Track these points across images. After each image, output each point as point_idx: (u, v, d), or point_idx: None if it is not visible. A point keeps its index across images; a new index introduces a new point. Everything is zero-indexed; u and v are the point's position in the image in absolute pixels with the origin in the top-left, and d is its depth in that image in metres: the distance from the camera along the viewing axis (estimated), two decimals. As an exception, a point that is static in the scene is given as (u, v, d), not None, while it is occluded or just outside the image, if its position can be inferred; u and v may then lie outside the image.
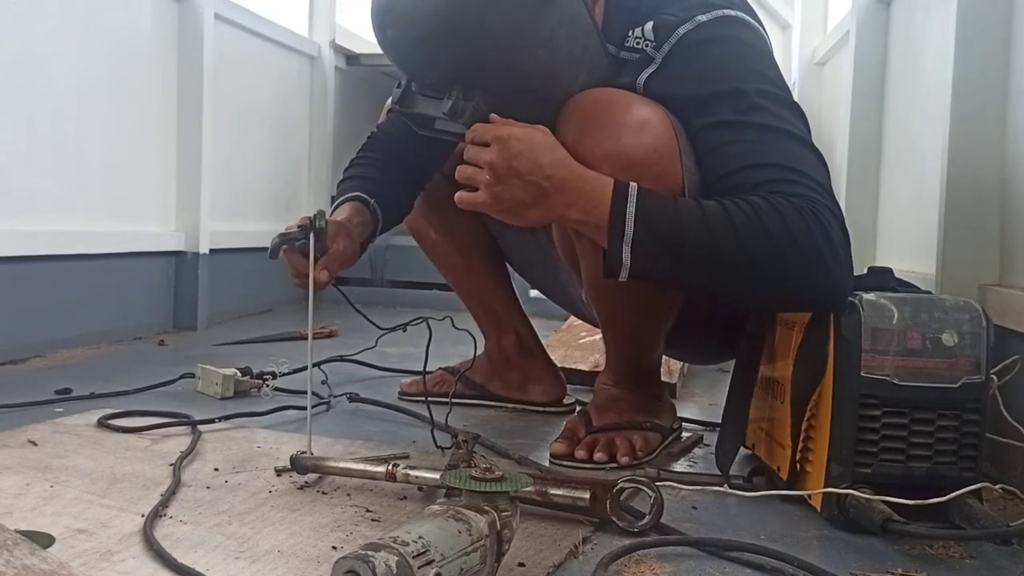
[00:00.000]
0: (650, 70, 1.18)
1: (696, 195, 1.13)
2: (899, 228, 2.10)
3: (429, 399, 1.40)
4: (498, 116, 1.10)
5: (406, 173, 1.48)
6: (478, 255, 1.64)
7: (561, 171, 1.07)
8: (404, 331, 1.36)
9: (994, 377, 1.07)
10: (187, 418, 1.40)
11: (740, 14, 1.19)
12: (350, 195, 1.40)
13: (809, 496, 1.09)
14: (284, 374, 1.70)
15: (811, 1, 3.36)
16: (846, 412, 1.04)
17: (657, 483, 1.02)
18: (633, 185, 1.07)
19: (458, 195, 1.11)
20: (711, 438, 1.39)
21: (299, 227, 1.25)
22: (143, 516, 0.96)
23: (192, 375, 1.72)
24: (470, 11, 1.07)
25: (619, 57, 1.21)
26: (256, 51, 2.98)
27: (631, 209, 1.05)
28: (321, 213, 1.26)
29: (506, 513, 0.81)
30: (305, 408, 1.52)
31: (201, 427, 1.36)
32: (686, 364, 1.88)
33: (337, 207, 1.41)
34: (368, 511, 1.02)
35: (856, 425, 1.03)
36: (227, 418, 1.44)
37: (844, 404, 1.04)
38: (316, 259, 1.24)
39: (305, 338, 1.25)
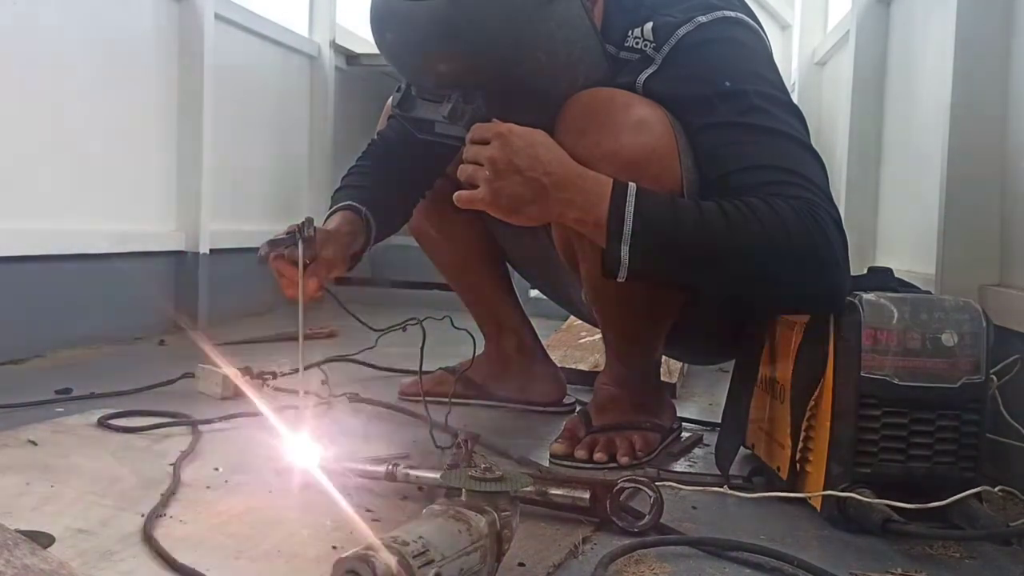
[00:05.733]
0: (650, 71, 1.18)
1: (695, 195, 1.13)
2: (899, 228, 2.10)
3: (429, 399, 1.40)
4: (498, 119, 1.10)
5: (404, 181, 1.48)
6: (478, 255, 1.64)
7: (561, 169, 1.08)
8: (404, 331, 1.36)
9: (994, 377, 1.07)
10: (187, 418, 1.40)
11: (740, 15, 1.19)
12: (342, 204, 1.40)
13: (809, 496, 1.09)
14: (284, 374, 1.70)
15: (811, 1, 3.35)
16: (846, 412, 1.04)
17: (657, 483, 1.02)
18: (632, 185, 1.07)
19: (457, 193, 1.11)
20: (711, 438, 1.39)
21: (287, 234, 1.25)
22: (143, 516, 0.96)
23: (192, 375, 1.72)
24: (469, 14, 1.08)
25: (618, 58, 1.21)
26: (256, 51, 2.98)
27: (629, 209, 1.05)
28: (309, 220, 1.25)
29: (506, 513, 0.81)
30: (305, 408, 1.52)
31: (201, 427, 1.36)
32: (686, 364, 1.88)
33: (329, 216, 1.40)
34: (368, 511, 1.02)
35: (856, 425, 1.03)
36: (227, 418, 1.44)
37: (844, 404, 1.04)
38: (305, 266, 1.23)
39: (304, 338, 1.25)
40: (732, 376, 1.28)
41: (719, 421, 1.27)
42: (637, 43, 1.19)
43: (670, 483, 1.14)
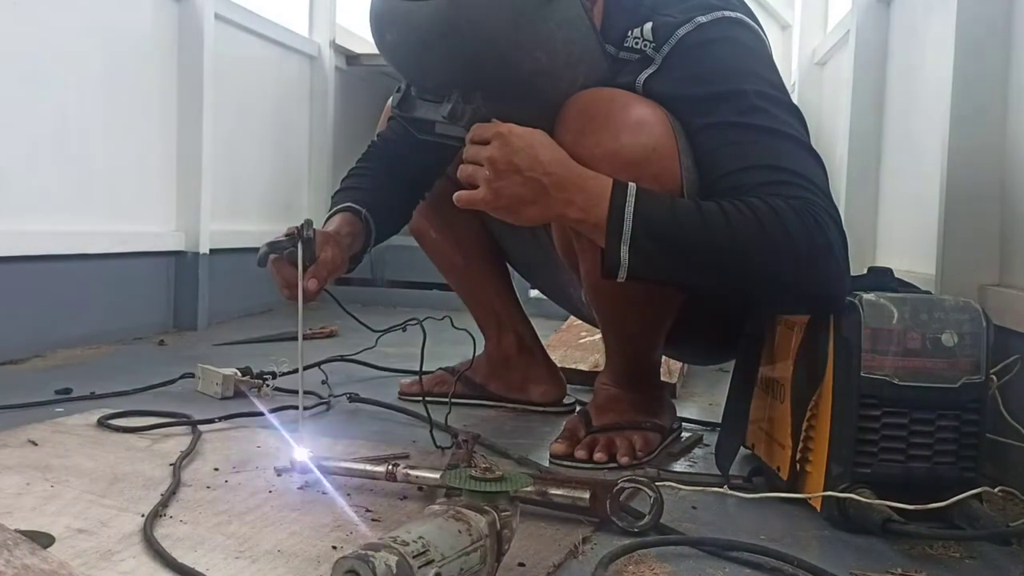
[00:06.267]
0: (649, 71, 1.18)
1: (694, 195, 1.13)
2: (899, 228, 2.10)
3: (429, 399, 1.40)
4: (498, 119, 1.10)
5: (404, 182, 1.48)
6: (478, 255, 1.64)
7: (561, 168, 1.08)
8: (404, 330, 1.36)
9: (994, 377, 1.07)
10: (187, 418, 1.40)
11: (739, 16, 1.19)
12: (342, 206, 1.40)
13: (809, 496, 1.09)
14: (284, 374, 1.70)
15: (811, 1, 3.35)
16: (846, 412, 1.04)
17: (657, 483, 1.02)
18: (632, 185, 1.07)
19: (457, 194, 1.11)
20: (711, 438, 1.39)
21: (287, 236, 1.25)
22: (143, 516, 0.96)
23: (192, 375, 1.72)
24: (468, 15, 1.07)
25: (618, 58, 1.21)
26: (256, 51, 2.98)
27: (629, 209, 1.05)
28: (308, 222, 1.25)
29: (506, 513, 0.81)
30: (306, 408, 1.53)
31: (201, 427, 1.36)
32: (686, 364, 1.88)
33: (329, 218, 1.40)
34: (368, 511, 1.02)
35: (856, 425, 1.03)
36: (227, 418, 1.44)
37: (844, 404, 1.04)
38: (305, 268, 1.23)
39: (304, 338, 1.25)
40: (732, 376, 1.27)
41: (719, 421, 1.27)
42: (637, 43, 1.19)
43: (670, 483, 1.14)
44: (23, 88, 2.00)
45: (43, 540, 0.87)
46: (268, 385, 1.65)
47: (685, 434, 1.45)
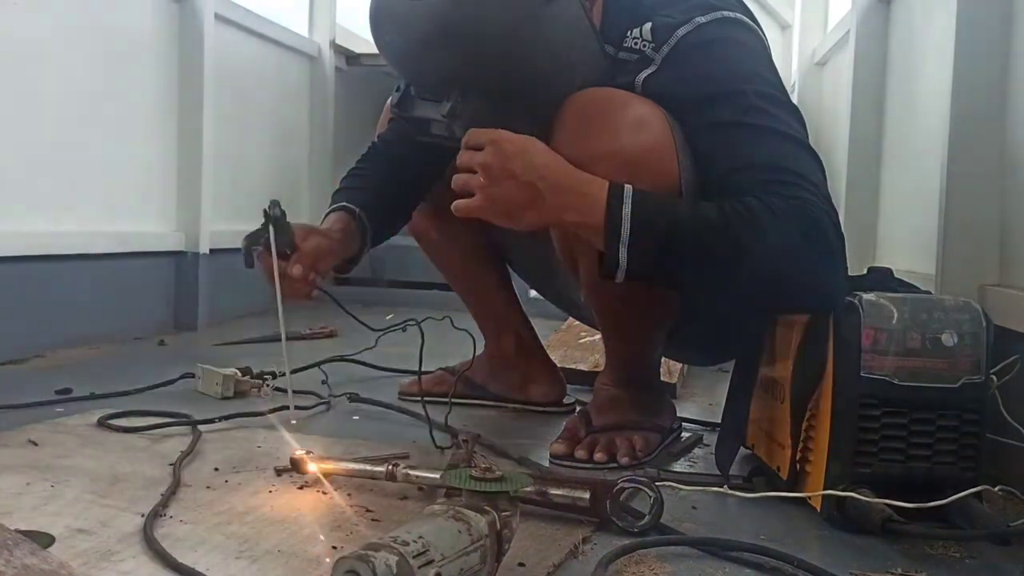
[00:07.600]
0: (649, 71, 1.18)
1: (693, 194, 1.13)
2: (899, 228, 2.10)
3: (429, 399, 1.40)
4: (496, 119, 1.10)
5: (404, 184, 1.48)
6: (478, 256, 1.64)
7: (555, 172, 1.08)
8: (404, 331, 1.36)
9: (994, 377, 1.07)
10: (187, 418, 1.40)
11: (739, 16, 1.19)
12: (337, 206, 1.40)
13: (809, 496, 1.09)
14: (284, 374, 1.70)
15: (811, 1, 3.36)
16: (846, 412, 1.04)
17: (657, 483, 1.02)
18: (628, 187, 1.07)
19: (455, 204, 1.11)
20: (711, 438, 1.39)
21: (262, 225, 1.25)
22: (143, 516, 0.96)
23: (192, 375, 1.72)
24: (467, 15, 1.07)
25: (617, 58, 1.21)
26: (256, 51, 2.98)
27: (626, 211, 1.05)
28: (275, 202, 1.25)
29: (506, 513, 0.81)
30: (305, 408, 1.53)
31: (201, 427, 1.36)
32: (686, 364, 1.88)
33: (325, 218, 1.40)
34: (368, 511, 1.02)
35: (856, 425, 1.03)
36: (227, 418, 1.44)
37: (844, 404, 1.04)
38: (287, 255, 1.24)
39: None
40: (732, 376, 1.28)
41: (719, 421, 1.27)
42: (636, 43, 1.19)
43: (670, 483, 1.14)
44: (23, 88, 2.00)
45: (43, 540, 0.87)
46: (268, 385, 1.65)
47: (685, 434, 1.45)
